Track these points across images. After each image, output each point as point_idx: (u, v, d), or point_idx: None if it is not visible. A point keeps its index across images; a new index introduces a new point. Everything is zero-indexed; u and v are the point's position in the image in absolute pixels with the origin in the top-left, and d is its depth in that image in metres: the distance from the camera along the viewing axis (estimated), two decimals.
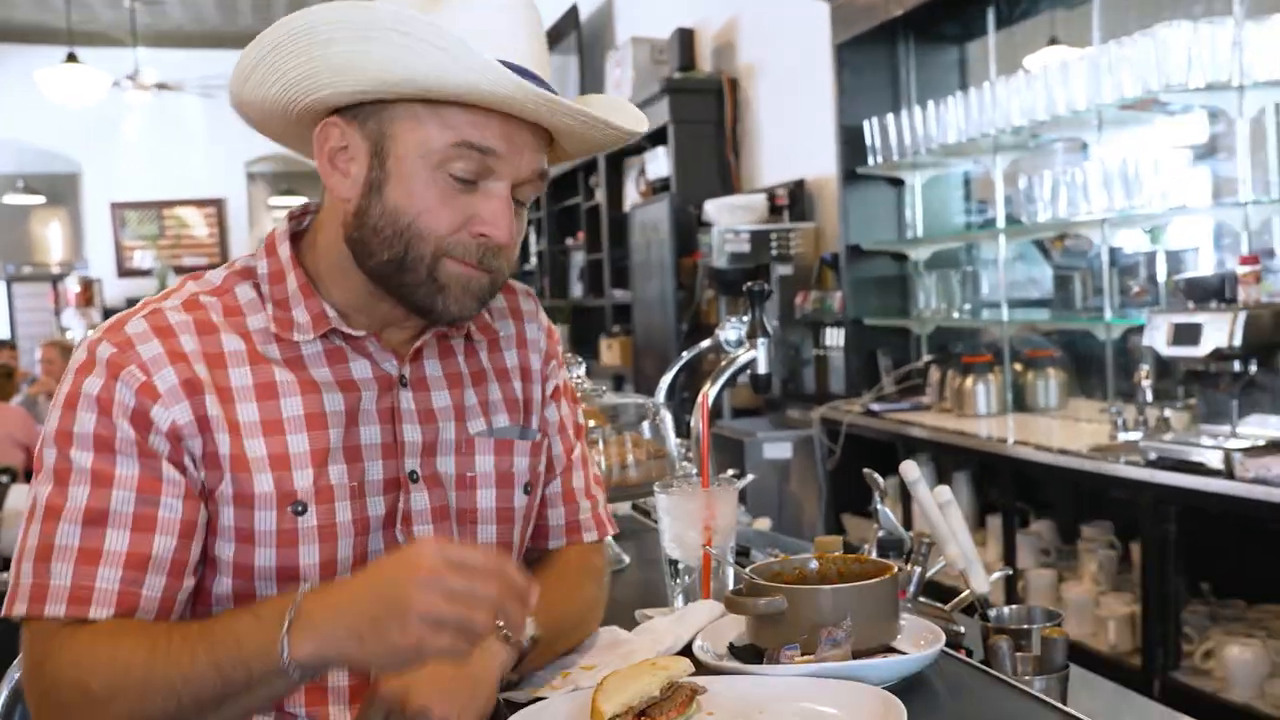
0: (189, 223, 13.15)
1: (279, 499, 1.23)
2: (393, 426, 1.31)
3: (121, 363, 1.19)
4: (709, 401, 1.82)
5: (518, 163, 1.24)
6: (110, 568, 1.15)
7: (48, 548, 1.16)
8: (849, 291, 5.35)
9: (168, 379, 1.20)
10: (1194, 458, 3.16)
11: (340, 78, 1.20)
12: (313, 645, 1.06)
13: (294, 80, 1.22)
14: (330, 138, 1.26)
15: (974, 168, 5.22)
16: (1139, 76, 3.67)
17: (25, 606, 1.15)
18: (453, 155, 1.21)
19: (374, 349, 1.31)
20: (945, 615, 1.60)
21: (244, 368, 1.24)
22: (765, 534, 2.33)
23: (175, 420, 1.19)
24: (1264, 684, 3.09)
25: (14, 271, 13.50)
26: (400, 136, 1.22)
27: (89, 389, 1.19)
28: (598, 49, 8.82)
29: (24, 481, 5.70)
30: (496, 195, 1.23)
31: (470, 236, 1.23)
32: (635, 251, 7.23)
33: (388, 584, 1.05)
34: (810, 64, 5.81)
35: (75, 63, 9.89)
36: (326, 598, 1.09)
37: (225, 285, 1.30)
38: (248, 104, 1.29)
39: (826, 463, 5.00)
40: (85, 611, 1.14)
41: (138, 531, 1.17)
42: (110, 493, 1.17)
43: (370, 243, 1.24)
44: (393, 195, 1.22)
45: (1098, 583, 3.77)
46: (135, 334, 1.21)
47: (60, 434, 1.19)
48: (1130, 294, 4.19)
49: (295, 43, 1.19)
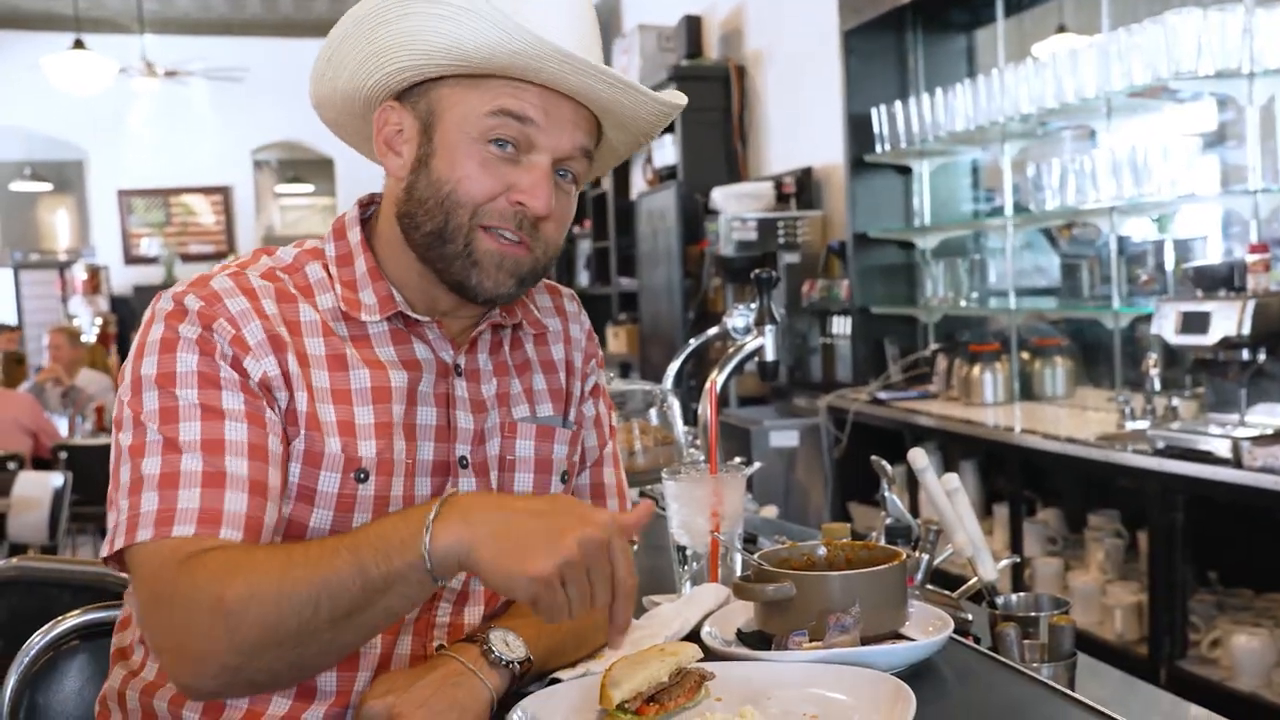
0: (196, 210, 13.14)
1: (345, 463, 1.25)
2: (448, 411, 1.33)
3: (212, 315, 1.21)
4: (717, 389, 1.81)
5: (558, 136, 1.26)
6: (236, 492, 1.16)
7: (172, 475, 1.15)
8: (856, 280, 5.34)
9: (255, 333, 1.22)
10: (1202, 446, 3.15)
11: (389, 57, 1.25)
12: (454, 534, 1.06)
13: (354, 68, 1.28)
14: (387, 121, 1.31)
15: (982, 155, 5.21)
16: (1148, 64, 3.66)
17: (151, 531, 1.13)
18: (492, 125, 1.23)
19: (433, 336, 1.33)
20: (953, 602, 1.60)
21: (318, 338, 1.27)
22: (772, 521, 2.32)
23: (266, 371, 1.22)
24: (1271, 672, 3.09)
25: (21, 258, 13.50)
26: (446, 112, 1.26)
27: (186, 333, 1.21)
28: (605, 36, 8.73)
29: (31, 468, 5.72)
30: (536, 167, 1.25)
31: (508, 204, 1.25)
32: (642, 239, 7.23)
33: (556, 515, 1.07)
34: (818, 51, 5.80)
35: (82, 49, 9.87)
36: (484, 496, 1.12)
37: (297, 263, 1.32)
38: (324, 101, 1.36)
39: (833, 451, 5.00)
40: (216, 531, 1.14)
41: (254, 460, 1.18)
42: (224, 424, 1.18)
43: (416, 215, 1.27)
44: (437, 167, 1.26)
45: (1105, 571, 3.77)
46: (222, 289, 1.24)
47: (162, 375, 1.19)
48: (1138, 282, 4.18)
49: (357, 30, 1.25)
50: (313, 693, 1.25)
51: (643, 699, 1.15)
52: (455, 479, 1.33)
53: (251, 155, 13.19)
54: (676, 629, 1.43)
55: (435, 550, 1.06)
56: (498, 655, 1.23)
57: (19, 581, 1.68)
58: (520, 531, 1.06)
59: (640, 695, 1.15)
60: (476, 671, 1.21)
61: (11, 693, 1.46)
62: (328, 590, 1.08)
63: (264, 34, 12.18)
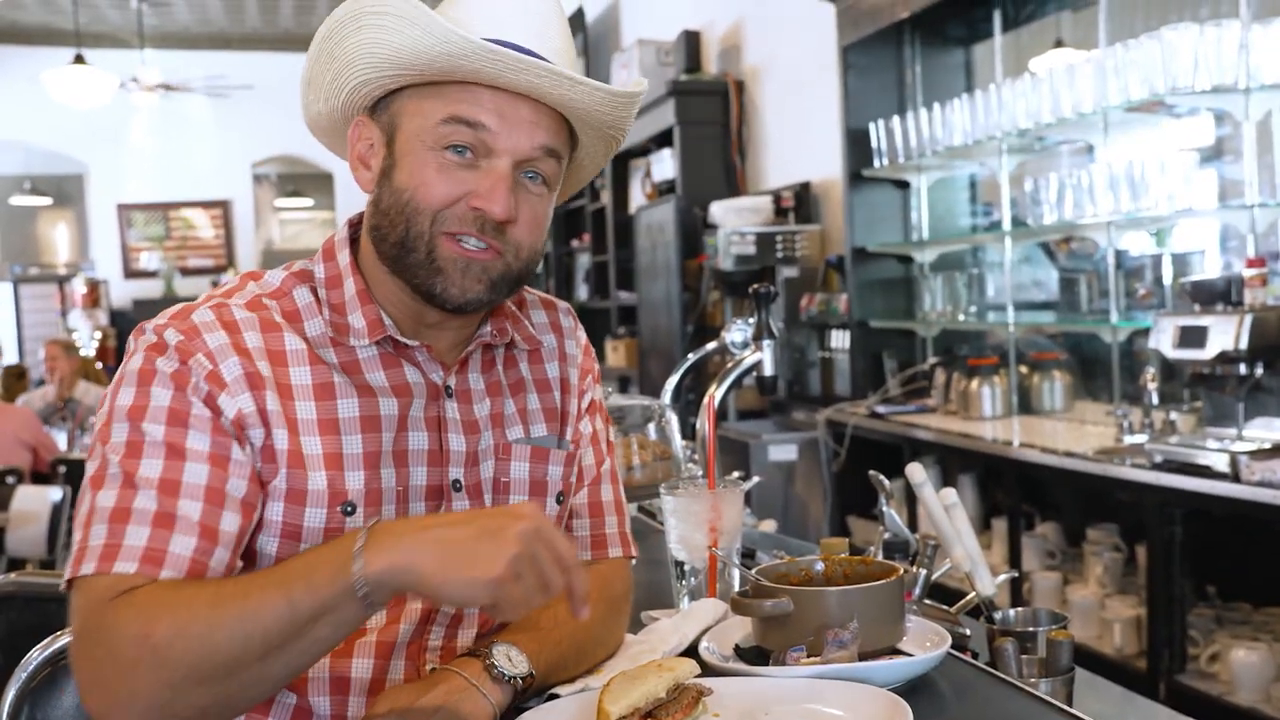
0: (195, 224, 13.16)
1: (330, 498, 1.24)
2: (439, 434, 1.32)
3: (190, 349, 1.21)
4: (715, 403, 1.82)
5: (515, 138, 1.25)
6: (185, 535, 1.15)
7: (124, 511, 1.15)
8: (854, 294, 5.35)
9: (233, 369, 1.22)
10: (1200, 460, 3.15)
11: (349, 73, 1.27)
12: (389, 559, 1.06)
13: (326, 87, 1.30)
14: (360, 137, 1.32)
15: (980, 170, 5.22)
16: (1145, 79, 3.67)
17: (94, 565, 1.12)
18: (446, 132, 1.24)
19: (423, 359, 1.32)
20: (951, 617, 1.60)
21: (304, 367, 1.26)
22: (770, 536, 2.32)
23: (240, 409, 1.21)
24: (1270, 687, 3.09)
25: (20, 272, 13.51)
26: (405, 122, 1.27)
27: (163, 367, 1.20)
28: (604, 51, 8.83)
29: (30, 482, 5.71)
30: (494, 170, 1.25)
31: (467, 209, 1.25)
32: (641, 253, 7.24)
33: (489, 519, 1.08)
34: (816, 66, 5.81)
35: (82, 64, 9.90)
36: (410, 522, 1.11)
37: (284, 288, 1.31)
38: (314, 124, 1.37)
39: (832, 465, 5.00)
40: (156, 572, 1.13)
41: (210, 504, 1.17)
42: (184, 465, 1.18)
43: (382, 226, 1.28)
44: (398, 176, 1.26)
45: (1103, 585, 3.76)
46: (202, 323, 1.23)
47: (134, 409, 1.19)
48: (1136, 296, 4.19)
49: (322, 49, 1.28)
50: (309, 717, 1.25)
51: (640, 715, 1.15)
52: (449, 503, 1.32)
53: (251, 169, 13.22)
54: (674, 644, 1.43)
55: (370, 577, 1.06)
56: (500, 670, 1.22)
57: (17, 596, 1.68)
58: (458, 541, 1.06)
59: (638, 711, 1.15)
60: (479, 686, 1.20)
61: (10, 708, 1.45)
62: (257, 623, 1.07)
63: (263, 48, 12.22)
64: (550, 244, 9.70)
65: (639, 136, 7.27)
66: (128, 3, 10.82)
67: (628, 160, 7.80)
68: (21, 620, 1.65)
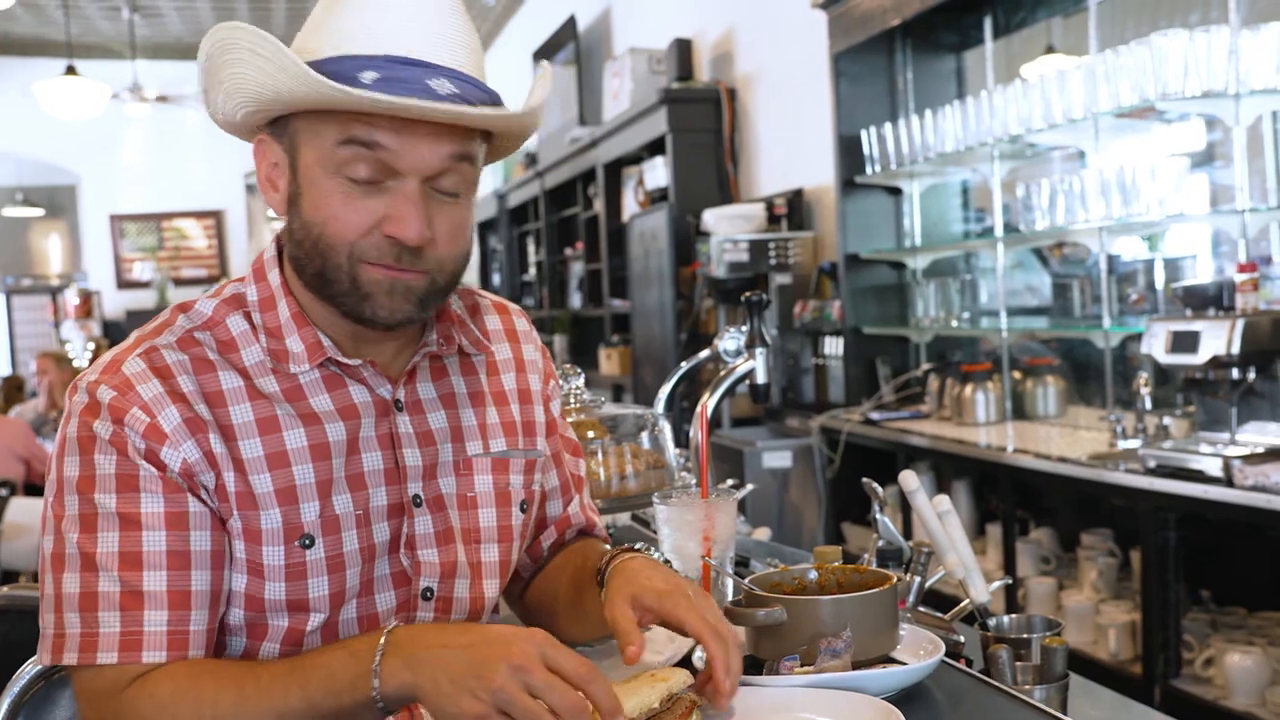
0: (188, 234, 13.16)
1: (286, 534, 1.23)
2: (393, 452, 1.30)
3: (123, 406, 1.18)
4: (708, 411, 1.82)
5: (419, 155, 1.18)
6: (155, 610, 1.15)
7: (90, 596, 1.15)
8: (848, 300, 5.35)
9: (171, 418, 1.19)
10: (1193, 465, 3.16)
11: (235, 100, 1.22)
12: (400, 679, 1.09)
13: (221, 103, 1.24)
14: (264, 156, 1.26)
15: (972, 176, 5.22)
16: (1136, 85, 3.68)
17: (75, 657, 1.15)
18: (345, 156, 1.18)
19: (368, 374, 1.29)
20: (945, 625, 1.60)
21: (244, 404, 1.23)
22: (764, 544, 2.33)
23: (185, 459, 1.19)
24: (1265, 692, 3.09)
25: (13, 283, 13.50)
26: (304, 146, 1.21)
27: (101, 432, 1.18)
28: (596, 59, 8.84)
29: (23, 494, 5.70)
30: (402, 193, 1.19)
31: (381, 237, 1.20)
32: (634, 261, 7.24)
33: (482, 647, 1.07)
34: (808, 73, 5.82)
35: (74, 75, 9.90)
36: (420, 637, 1.11)
37: (216, 316, 1.28)
38: (220, 124, 1.30)
39: (826, 472, 5.00)
40: (137, 658, 1.14)
41: (174, 570, 1.17)
42: (140, 535, 1.17)
43: (300, 258, 1.24)
44: (305, 207, 1.22)
45: (1098, 591, 3.77)
46: (133, 374, 1.20)
47: (81, 479, 1.18)
48: (1128, 302, 4.20)
49: (210, 66, 1.21)
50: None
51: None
52: (411, 519, 1.31)
53: (244, 179, 13.22)
54: (668, 655, 1.43)
55: (385, 694, 1.10)
56: None
57: (11, 609, 1.68)
58: (454, 671, 1.07)
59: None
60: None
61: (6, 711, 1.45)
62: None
63: None
64: (543, 252, 9.71)
65: (631, 145, 7.29)
66: (120, 13, 10.82)
67: (620, 168, 7.80)
68: (15, 633, 1.64)
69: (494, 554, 1.38)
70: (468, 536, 1.35)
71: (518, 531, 1.41)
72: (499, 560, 1.38)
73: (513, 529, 1.40)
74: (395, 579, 1.30)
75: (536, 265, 10.11)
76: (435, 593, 1.32)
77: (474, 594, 1.35)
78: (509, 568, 1.41)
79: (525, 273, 10.64)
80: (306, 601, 1.24)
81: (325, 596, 1.25)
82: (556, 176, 9.04)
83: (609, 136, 7.66)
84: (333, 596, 1.25)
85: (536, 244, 10.06)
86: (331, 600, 1.25)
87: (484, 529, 1.37)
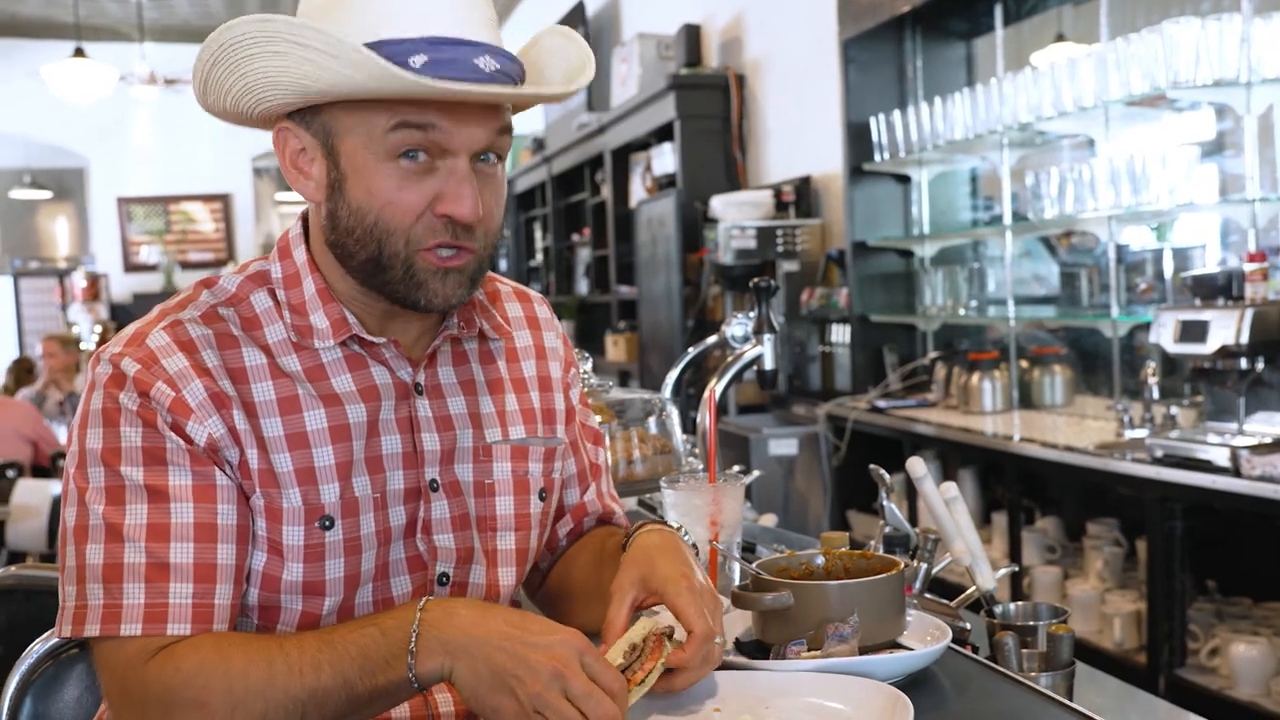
0: (195, 218, 13.16)
1: (306, 514, 1.22)
2: (412, 435, 1.30)
3: (149, 380, 1.17)
4: (715, 397, 1.82)
5: (468, 133, 1.19)
6: (181, 583, 1.15)
7: (115, 567, 1.14)
8: (855, 288, 5.35)
9: (196, 393, 1.18)
10: (1200, 455, 3.15)
11: (263, 93, 1.19)
12: (436, 662, 1.10)
13: (236, 95, 1.21)
14: (287, 143, 1.25)
15: (981, 164, 5.21)
16: (1146, 73, 3.67)
17: (98, 628, 1.13)
18: (397, 140, 1.17)
19: (390, 355, 1.29)
20: (951, 611, 1.60)
21: (266, 382, 1.22)
22: (771, 530, 2.33)
23: (210, 433, 1.18)
24: (1269, 681, 3.09)
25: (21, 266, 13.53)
26: (346, 134, 1.20)
27: (127, 403, 1.17)
28: (604, 45, 8.82)
29: (30, 475, 5.72)
30: (455, 171, 1.19)
31: (436, 218, 1.20)
32: (641, 248, 7.23)
33: (523, 644, 1.08)
34: (817, 60, 5.81)
35: (82, 58, 9.90)
36: (457, 618, 1.11)
37: (240, 293, 1.27)
38: (215, 113, 1.28)
39: (832, 459, 5.00)
40: (162, 629, 1.14)
41: (201, 542, 1.16)
42: (168, 506, 1.16)
43: (347, 244, 1.23)
44: (353, 194, 1.20)
45: (1103, 580, 3.77)
46: (158, 347, 1.19)
47: (106, 451, 1.16)
48: (1137, 291, 4.19)
49: (226, 59, 1.17)
50: None
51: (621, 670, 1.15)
52: (427, 503, 1.30)
53: (251, 163, 13.22)
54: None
55: (420, 674, 1.11)
56: None
57: (18, 589, 1.68)
58: (495, 664, 1.08)
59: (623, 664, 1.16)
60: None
61: (11, 700, 1.45)
62: (314, 702, 1.11)
63: None
64: (550, 238, 9.70)
65: (639, 130, 7.27)
66: None
67: (628, 154, 7.79)
68: (22, 613, 1.65)
69: (510, 542, 1.37)
70: (483, 524, 1.34)
71: (536, 520, 1.40)
72: (516, 548, 1.37)
73: (531, 517, 1.39)
74: (411, 563, 1.30)
75: (544, 251, 10.10)
76: (451, 578, 1.32)
77: (490, 580, 1.35)
78: (528, 556, 1.40)
79: (532, 258, 10.64)
80: (323, 584, 1.24)
81: (340, 579, 1.25)
82: (564, 162, 9.03)
83: (617, 122, 7.65)
84: (348, 579, 1.25)
85: (544, 230, 10.06)
86: (347, 584, 1.25)
87: (501, 516, 1.36)
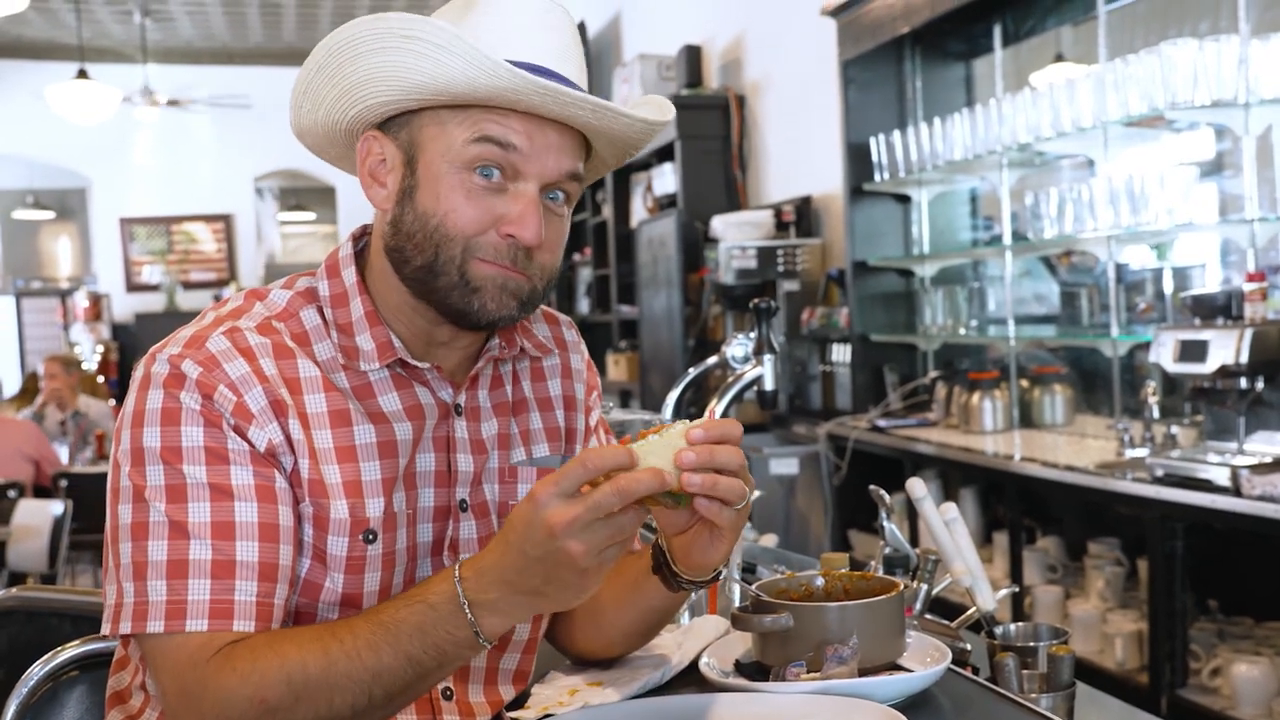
0: (198, 238, 13.17)
1: (353, 526, 1.23)
2: (447, 455, 1.31)
3: (212, 383, 1.18)
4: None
5: (543, 162, 1.22)
6: (247, 580, 1.15)
7: (180, 563, 1.14)
8: (855, 307, 5.35)
9: (258, 399, 1.19)
10: (1201, 474, 3.15)
11: (365, 91, 1.22)
12: (500, 619, 1.12)
13: (331, 102, 1.25)
14: (370, 151, 1.27)
15: (980, 184, 5.23)
16: (1145, 94, 3.68)
17: (162, 625, 1.13)
18: (476, 153, 1.20)
19: (433, 379, 1.30)
20: (951, 632, 1.60)
21: (319, 394, 1.24)
22: (771, 550, 2.32)
23: (270, 439, 1.19)
24: (1271, 702, 3.08)
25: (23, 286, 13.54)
26: (428, 143, 1.23)
27: (189, 403, 1.17)
28: (605, 65, 8.85)
29: (31, 496, 5.71)
30: (524, 195, 1.22)
31: (499, 237, 1.22)
32: (642, 267, 7.24)
33: (539, 549, 1.07)
34: (817, 80, 5.83)
35: (85, 79, 9.94)
36: (486, 574, 1.11)
37: (290, 309, 1.28)
38: (305, 131, 1.32)
39: (833, 479, 5.00)
40: (229, 625, 1.13)
41: (264, 541, 1.17)
42: (233, 505, 1.16)
43: (405, 249, 1.24)
44: (422, 200, 1.23)
45: (1104, 600, 3.76)
46: (219, 351, 1.20)
47: (166, 450, 1.16)
48: (1137, 310, 4.19)
49: (331, 62, 1.22)
50: None
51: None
52: (456, 523, 1.32)
53: (253, 183, 13.25)
54: (676, 661, 1.43)
55: (488, 636, 1.13)
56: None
57: (18, 611, 1.68)
58: (541, 578, 1.09)
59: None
60: None
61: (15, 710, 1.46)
62: (380, 682, 1.12)
63: (266, 63, 12.24)
64: None
65: (640, 151, 7.27)
66: (131, 17, 10.85)
67: (629, 174, 7.81)
68: (22, 635, 1.65)
69: None
70: None
71: None
72: None
73: None
74: None
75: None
76: None
77: None
78: None
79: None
80: (360, 597, 1.24)
81: (376, 591, 1.26)
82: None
83: None
84: (381, 592, 1.26)
85: None
86: (380, 597, 1.26)
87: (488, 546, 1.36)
